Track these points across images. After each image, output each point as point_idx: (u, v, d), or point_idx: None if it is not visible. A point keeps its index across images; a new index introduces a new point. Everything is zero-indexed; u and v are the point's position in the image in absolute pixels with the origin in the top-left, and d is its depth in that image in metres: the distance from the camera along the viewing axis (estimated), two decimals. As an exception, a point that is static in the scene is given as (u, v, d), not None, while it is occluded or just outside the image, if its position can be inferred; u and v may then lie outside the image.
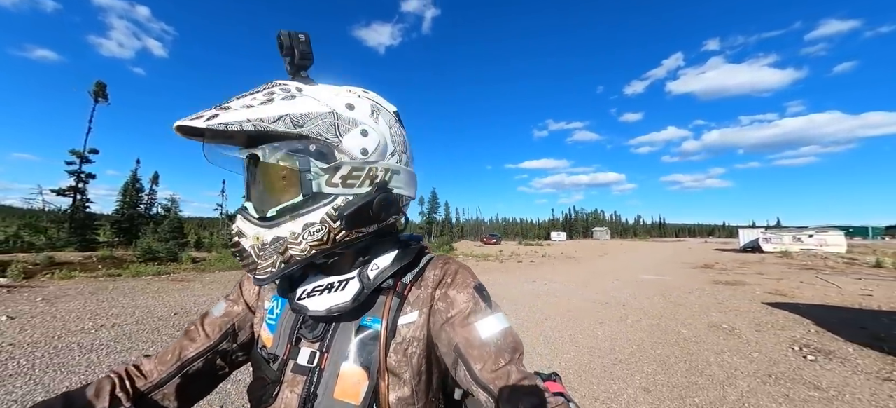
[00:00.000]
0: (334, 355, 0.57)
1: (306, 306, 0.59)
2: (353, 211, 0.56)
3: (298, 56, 0.58)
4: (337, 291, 0.59)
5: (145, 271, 10.55)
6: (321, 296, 0.59)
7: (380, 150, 0.59)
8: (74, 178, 21.16)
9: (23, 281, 8.26)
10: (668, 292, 8.71)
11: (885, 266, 14.78)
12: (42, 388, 3.04)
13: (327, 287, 0.60)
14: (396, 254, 0.63)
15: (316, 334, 0.59)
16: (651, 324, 5.70)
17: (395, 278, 0.62)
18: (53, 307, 5.75)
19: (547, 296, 8.23)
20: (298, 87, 0.56)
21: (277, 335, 0.63)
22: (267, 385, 0.59)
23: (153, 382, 0.63)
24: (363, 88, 0.64)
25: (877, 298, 7.85)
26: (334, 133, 0.54)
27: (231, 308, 0.72)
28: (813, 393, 3.29)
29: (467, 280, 0.64)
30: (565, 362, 4.06)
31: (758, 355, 4.27)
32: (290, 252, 0.54)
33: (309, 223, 0.54)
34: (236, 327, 0.71)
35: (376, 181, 0.58)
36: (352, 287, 0.59)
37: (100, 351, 3.90)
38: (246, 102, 0.52)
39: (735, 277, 12.04)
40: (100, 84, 22.41)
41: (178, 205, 27.56)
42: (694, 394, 3.26)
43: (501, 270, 14.01)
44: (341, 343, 0.58)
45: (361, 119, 0.58)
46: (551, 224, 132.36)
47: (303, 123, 0.52)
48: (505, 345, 0.56)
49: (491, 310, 0.60)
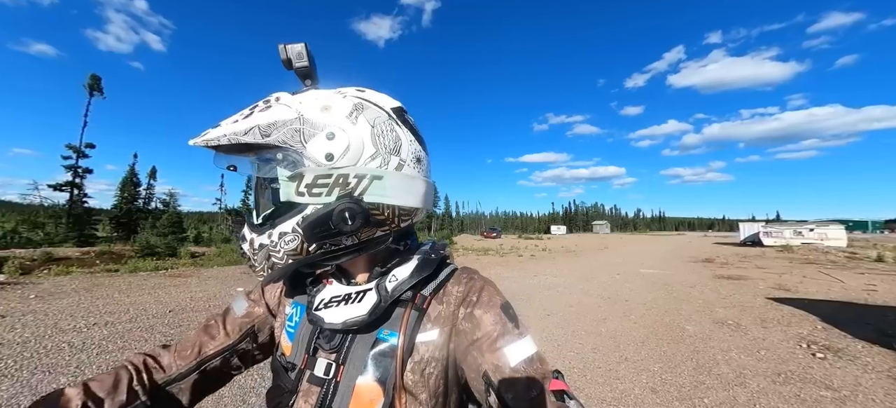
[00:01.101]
0: (350, 369, 0.56)
1: (322, 317, 0.58)
2: (311, 222, 0.53)
3: (299, 67, 0.58)
4: (354, 303, 0.57)
5: (143, 267, 10.43)
6: (338, 307, 0.58)
7: (351, 154, 0.53)
8: (71, 173, 20.99)
9: (19, 277, 8.15)
10: (670, 287, 8.62)
11: (887, 261, 14.70)
12: (29, 390, 2.94)
13: (344, 298, 0.58)
14: (416, 264, 0.61)
15: (333, 345, 0.58)
16: (655, 320, 5.61)
17: (415, 290, 0.60)
18: (46, 305, 5.65)
19: (548, 290, 8.14)
20: (278, 96, 0.56)
21: (296, 344, 0.62)
22: (284, 394, 0.59)
23: (171, 376, 0.63)
24: (358, 87, 0.60)
25: (881, 294, 7.77)
26: (299, 139, 0.52)
27: (252, 309, 0.72)
28: (825, 393, 3.20)
29: (494, 299, 0.61)
30: (569, 360, 3.97)
31: (766, 353, 4.18)
32: (273, 259, 0.56)
33: (283, 232, 0.54)
34: (256, 328, 0.71)
35: (348, 189, 0.53)
36: (369, 299, 0.57)
37: (90, 351, 3.80)
38: (234, 117, 0.54)
39: (737, 271, 11.96)
40: (94, 77, 22.16)
41: (176, 199, 27.46)
42: (703, 394, 3.16)
43: (502, 265, 13.92)
44: (357, 357, 0.56)
45: (332, 121, 0.53)
46: (551, 218, 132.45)
47: (270, 132, 0.51)
48: (535, 372, 0.53)
49: (519, 333, 0.56)
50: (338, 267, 0.63)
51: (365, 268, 0.63)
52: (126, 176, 24.92)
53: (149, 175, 27.26)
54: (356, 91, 0.59)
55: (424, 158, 0.61)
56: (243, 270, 10.46)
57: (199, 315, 5.40)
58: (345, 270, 0.65)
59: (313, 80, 0.59)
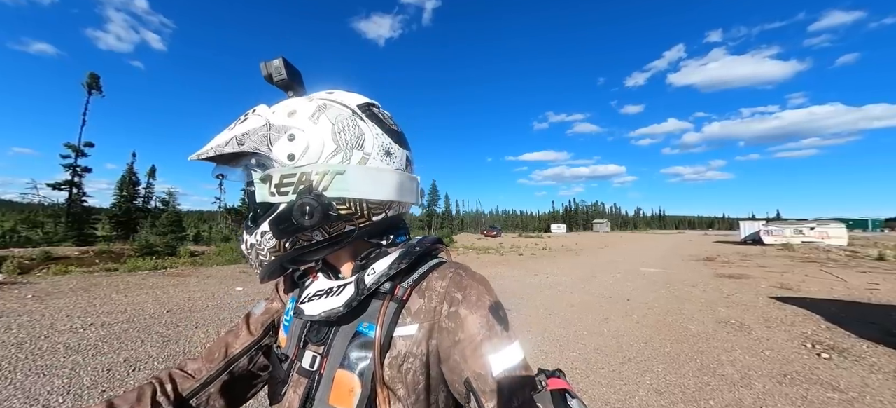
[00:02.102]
0: (332, 360, 0.57)
1: (303, 309, 0.59)
2: (274, 219, 0.57)
3: (278, 80, 0.63)
4: (333, 296, 0.58)
5: (142, 266, 10.38)
6: (319, 300, 0.59)
7: (311, 152, 0.56)
8: (70, 172, 20.92)
9: (17, 277, 8.10)
10: (672, 286, 8.58)
11: (888, 259, 14.67)
12: (22, 392, 2.89)
13: (327, 291, 0.59)
14: (396, 257, 0.59)
15: (320, 338, 0.59)
16: (657, 319, 5.56)
17: (395, 282, 0.58)
18: (43, 305, 5.60)
19: (549, 290, 8.09)
20: (255, 109, 0.61)
21: (289, 336, 0.64)
22: (278, 383, 0.61)
23: (202, 380, 0.65)
24: (329, 90, 0.63)
25: (884, 292, 7.73)
26: (266, 144, 0.56)
27: (270, 305, 0.74)
28: (832, 395, 3.15)
29: (482, 298, 0.57)
30: (572, 361, 3.92)
31: (770, 353, 4.13)
32: (260, 257, 0.62)
33: (264, 231, 0.59)
34: (276, 321, 0.73)
35: (310, 185, 0.55)
36: (347, 291, 0.57)
37: (86, 352, 3.75)
38: (222, 132, 0.60)
39: (738, 270, 11.92)
40: (93, 76, 22.08)
41: (176, 198, 27.39)
42: (708, 396, 3.11)
43: (502, 263, 13.87)
44: (338, 349, 0.57)
45: (294, 124, 0.57)
46: (551, 216, 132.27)
47: (243, 140, 0.56)
48: (518, 383, 0.52)
49: (506, 339, 0.54)
50: (325, 262, 0.65)
51: (350, 262, 0.64)
52: (124, 175, 24.85)
53: (148, 174, 27.20)
54: (324, 94, 0.62)
55: (397, 150, 0.61)
56: (242, 270, 10.42)
57: (198, 315, 5.35)
58: (331, 265, 0.66)
59: (296, 91, 0.64)
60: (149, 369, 3.42)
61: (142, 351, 3.85)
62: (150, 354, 3.79)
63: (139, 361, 3.60)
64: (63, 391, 2.93)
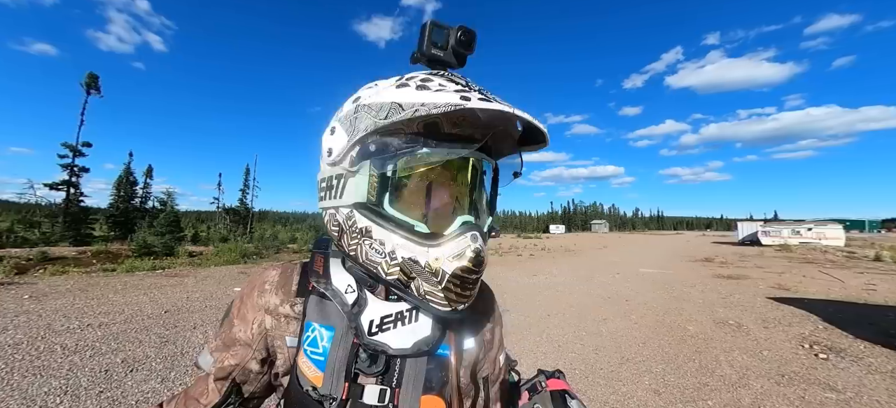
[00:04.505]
0: (409, 390, 0.52)
1: (386, 342, 0.52)
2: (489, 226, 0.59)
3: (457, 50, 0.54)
4: (411, 323, 0.53)
5: (140, 266, 10.33)
6: (397, 329, 0.53)
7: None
8: (67, 171, 20.84)
9: (14, 277, 8.05)
10: (670, 287, 8.60)
11: (885, 260, 14.74)
12: (19, 393, 2.87)
13: (397, 317, 0.53)
14: None
15: (378, 369, 0.51)
16: (656, 320, 5.57)
17: None
18: (40, 305, 5.57)
19: (548, 290, 8.09)
20: None
21: (329, 373, 0.52)
22: None
23: None
24: (412, 73, 0.53)
25: (881, 293, 7.76)
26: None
27: (223, 361, 0.63)
28: (829, 395, 3.16)
29: (500, 313, 0.71)
30: (571, 361, 3.92)
31: (768, 353, 4.14)
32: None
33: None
34: (238, 379, 0.59)
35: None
36: (424, 317, 0.54)
37: (83, 353, 3.73)
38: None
39: (736, 270, 11.95)
40: (91, 76, 22.01)
41: (174, 198, 27.27)
42: (707, 396, 3.12)
43: (501, 264, 13.86)
44: (415, 376, 0.53)
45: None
46: (550, 217, 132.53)
47: None
48: (506, 370, 0.71)
49: (503, 344, 0.70)
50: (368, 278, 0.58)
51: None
52: (121, 175, 24.77)
53: (145, 174, 27.11)
54: (403, 78, 0.53)
55: None
56: (241, 270, 10.39)
57: (196, 316, 5.33)
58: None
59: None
60: (147, 370, 3.40)
61: (139, 352, 3.83)
62: (148, 354, 3.77)
63: (137, 361, 3.59)
64: (60, 392, 2.92)
